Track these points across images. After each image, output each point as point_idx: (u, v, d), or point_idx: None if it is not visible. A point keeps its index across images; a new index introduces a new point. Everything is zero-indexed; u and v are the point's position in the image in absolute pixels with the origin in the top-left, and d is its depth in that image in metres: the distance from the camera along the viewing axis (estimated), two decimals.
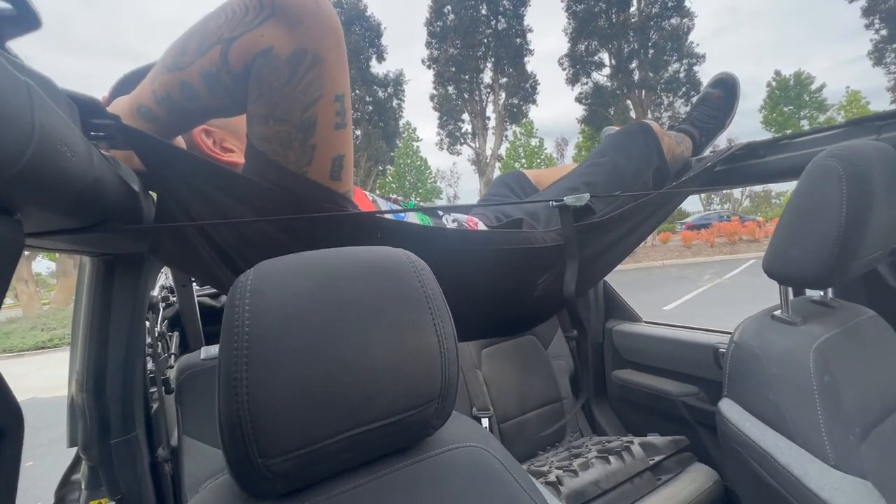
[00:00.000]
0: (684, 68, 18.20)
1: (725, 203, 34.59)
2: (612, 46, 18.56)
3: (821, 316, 0.75)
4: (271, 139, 0.47)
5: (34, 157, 0.21)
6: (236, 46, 0.43)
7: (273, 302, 0.35)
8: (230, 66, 0.44)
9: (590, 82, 19.59)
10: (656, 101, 18.73)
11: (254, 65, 0.44)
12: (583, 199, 0.64)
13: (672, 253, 13.86)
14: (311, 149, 0.48)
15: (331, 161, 0.50)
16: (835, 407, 0.63)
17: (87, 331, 0.82)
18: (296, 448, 0.34)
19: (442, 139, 21.85)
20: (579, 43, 19.08)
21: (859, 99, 21.11)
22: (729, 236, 14.02)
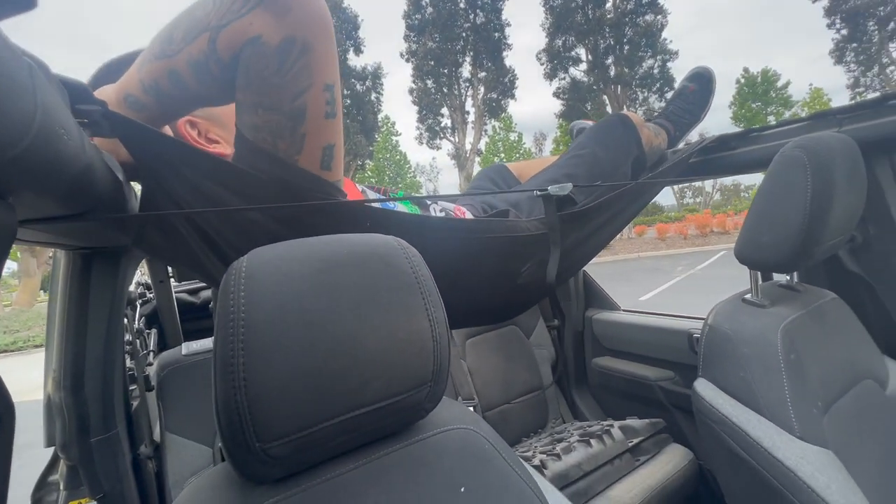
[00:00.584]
0: (658, 65, 18.59)
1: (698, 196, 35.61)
2: (588, 42, 18.79)
3: (787, 299, 0.80)
4: (261, 128, 0.47)
5: (36, 140, 0.21)
6: (224, 34, 0.43)
7: (268, 288, 0.35)
8: (218, 55, 0.44)
9: (567, 77, 19.81)
10: (631, 97, 19.09)
11: (242, 53, 0.44)
12: (565, 188, 0.66)
13: (647, 245, 14.23)
14: (302, 138, 0.48)
15: (321, 150, 0.50)
16: (800, 383, 0.67)
17: (64, 327, 0.80)
18: (293, 432, 0.35)
19: (421, 133, 21.75)
20: (557, 38, 19.25)
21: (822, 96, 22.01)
22: (701, 228, 14.47)
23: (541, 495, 0.47)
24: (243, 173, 0.48)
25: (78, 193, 0.34)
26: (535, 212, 0.80)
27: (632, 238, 15.55)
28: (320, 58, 0.46)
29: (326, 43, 0.47)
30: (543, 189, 0.67)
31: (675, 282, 8.05)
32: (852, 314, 0.85)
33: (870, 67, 17.81)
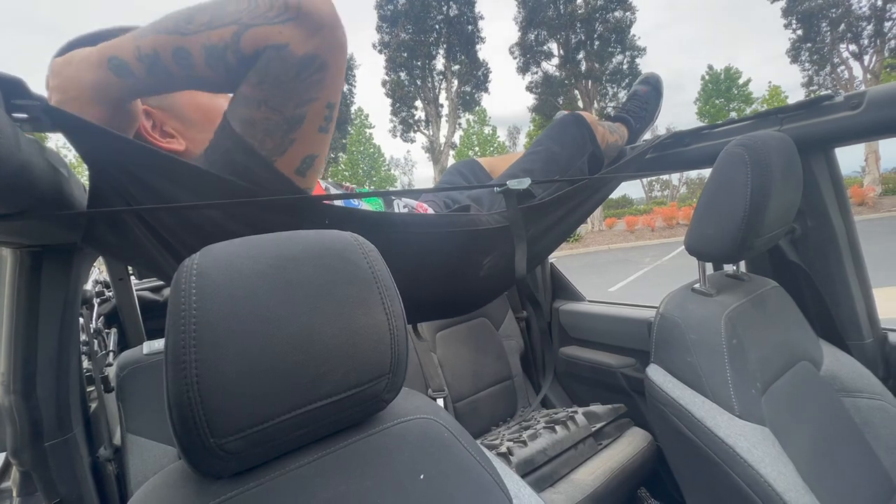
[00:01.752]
0: (627, 60, 19.00)
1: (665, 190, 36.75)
2: (560, 37, 19.00)
3: (732, 287, 0.85)
4: (256, 123, 0.48)
5: None
6: (252, 33, 0.45)
7: (220, 284, 0.35)
8: (240, 48, 0.45)
9: (539, 72, 19.99)
10: (602, 92, 19.45)
11: (264, 53, 0.46)
12: (524, 183, 0.68)
13: (617, 237, 14.63)
14: (290, 142, 0.50)
15: (302, 158, 0.52)
16: (741, 366, 0.72)
17: (12, 329, 0.77)
18: (248, 426, 0.35)
19: (395, 126, 21.53)
20: (529, 32, 19.37)
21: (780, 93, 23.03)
22: (668, 220, 14.98)
23: (500, 480, 0.49)
24: (198, 172, 0.48)
25: (14, 192, 0.33)
26: (496, 206, 0.82)
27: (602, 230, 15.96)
28: (332, 78, 0.49)
29: (340, 67, 0.50)
30: (502, 184, 0.69)
31: (644, 272, 8.32)
32: (791, 301, 0.91)
33: (822, 67, 18.75)
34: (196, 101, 0.59)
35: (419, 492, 0.43)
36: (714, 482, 0.67)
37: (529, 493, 0.52)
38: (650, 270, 8.48)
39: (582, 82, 19.33)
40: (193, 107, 0.59)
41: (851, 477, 0.73)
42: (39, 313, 0.77)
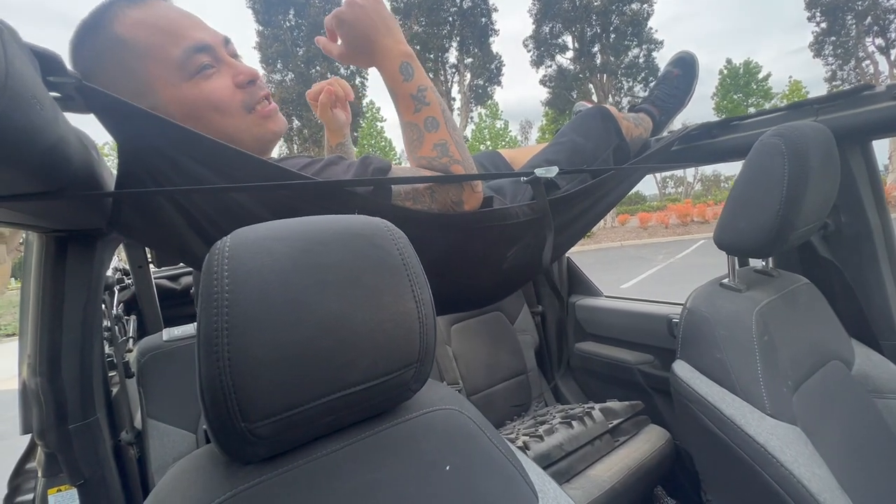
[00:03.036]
0: (643, 54, 18.66)
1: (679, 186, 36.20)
2: (575, 29, 18.72)
3: (762, 283, 0.82)
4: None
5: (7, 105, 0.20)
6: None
7: (251, 267, 0.35)
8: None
9: (553, 65, 19.75)
10: (617, 86, 19.16)
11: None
12: (552, 171, 0.66)
13: (630, 234, 14.46)
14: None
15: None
16: (772, 363, 0.70)
17: (38, 312, 0.78)
18: (278, 411, 0.35)
19: None
20: (544, 25, 19.12)
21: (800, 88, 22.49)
22: (682, 217, 14.75)
23: (524, 473, 0.48)
24: (231, 153, 0.47)
25: (50, 168, 0.32)
26: (520, 197, 0.80)
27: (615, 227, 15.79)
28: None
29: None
30: (530, 172, 0.67)
31: (657, 270, 8.22)
32: (823, 298, 0.88)
33: (847, 61, 18.23)
34: (179, 97, 0.54)
35: (445, 483, 0.42)
36: (743, 482, 0.65)
37: (555, 489, 0.52)
38: (663, 268, 8.37)
39: (597, 76, 19.06)
40: (176, 104, 0.54)
41: (884, 480, 0.71)
42: (64, 297, 0.78)
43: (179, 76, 0.53)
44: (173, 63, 0.53)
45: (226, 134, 0.55)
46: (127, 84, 0.52)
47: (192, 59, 0.53)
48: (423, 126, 0.60)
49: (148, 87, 0.53)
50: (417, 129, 0.60)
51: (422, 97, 0.60)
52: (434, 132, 0.60)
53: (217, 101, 0.55)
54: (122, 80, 0.52)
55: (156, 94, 0.53)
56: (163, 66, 0.53)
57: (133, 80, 0.52)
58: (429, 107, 0.60)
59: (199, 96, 0.54)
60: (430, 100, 0.61)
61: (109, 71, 0.52)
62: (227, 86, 0.56)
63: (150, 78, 0.52)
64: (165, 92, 0.53)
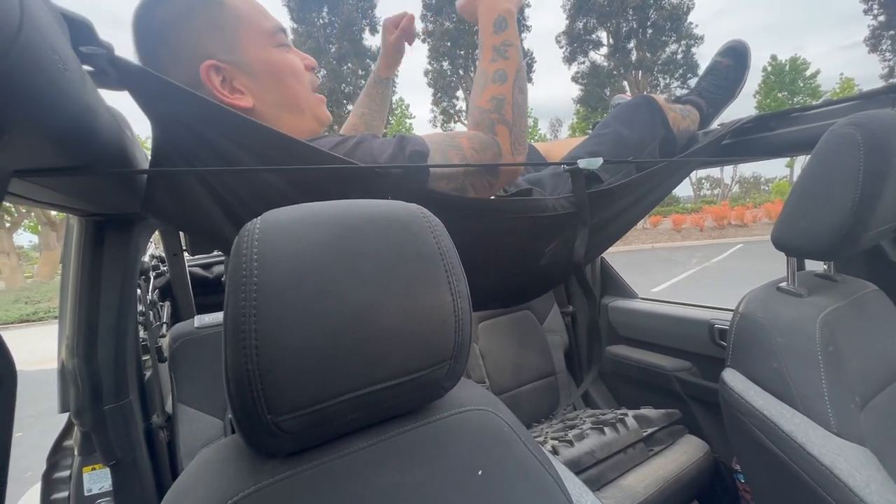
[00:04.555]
0: (682, 50, 18.01)
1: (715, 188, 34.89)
2: (610, 25, 18.24)
3: (825, 289, 0.75)
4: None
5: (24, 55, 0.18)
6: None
7: (283, 252, 0.33)
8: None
9: (587, 61, 19.32)
10: (653, 83, 18.57)
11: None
12: (595, 162, 0.62)
13: (662, 236, 14.02)
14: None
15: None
16: (837, 376, 0.63)
17: (77, 295, 0.80)
18: (305, 405, 0.33)
19: (436, 116, 21.53)
20: (577, 20, 18.72)
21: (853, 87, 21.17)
22: (718, 220, 14.18)
23: (560, 483, 0.45)
24: (264, 132, 0.46)
25: (78, 139, 0.31)
26: (559, 189, 0.76)
27: (646, 228, 15.33)
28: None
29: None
30: (572, 163, 0.63)
31: (690, 273, 7.92)
32: (894, 307, 0.80)
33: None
34: (266, 57, 0.59)
35: (476, 488, 0.40)
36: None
37: (592, 500, 0.48)
38: (698, 272, 8.06)
39: (632, 72, 18.53)
40: (263, 63, 0.58)
41: None
42: (101, 280, 0.80)
43: (269, 43, 0.60)
44: (264, 32, 0.60)
45: (297, 99, 0.62)
46: (216, 37, 0.57)
47: (277, 35, 0.61)
48: (492, 76, 0.60)
49: (238, 45, 0.58)
50: (485, 77, 0.61)
51: (503, 50, 0.61)
52: (498, 85, 0.60)
53: (297, 69, 0.62)
54: (213, 32, 0.56)
55: (245, 51, 0.58)
56: (256, 32, 0.59)
57: (224, 36, 0.57)
58: (506, 61, 0.61)
59: (284, 61, 0.61)
60: (510, 56, 0.61)
61: (199, 22, 0.56)
62: (300, 63, 0.64)
63: (243, 38, 0.58)
64: (254, 51, 0.59)
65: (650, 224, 15.51)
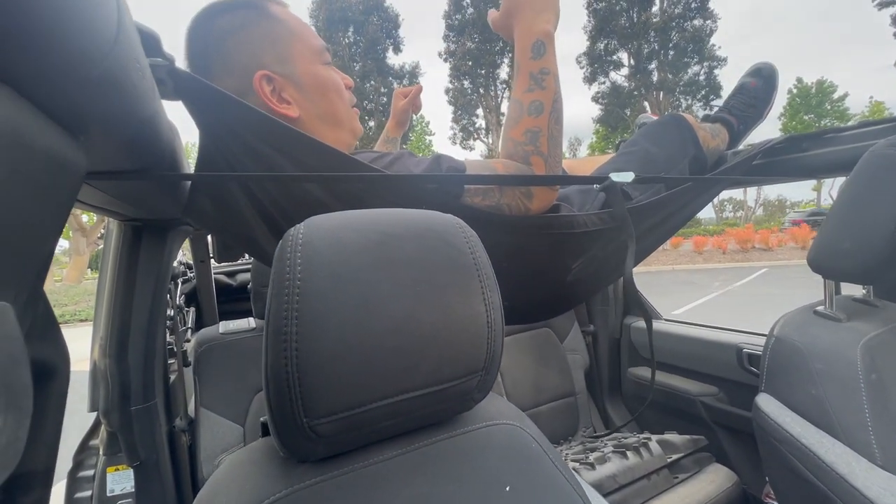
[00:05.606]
0: (705, 71, 17.91)
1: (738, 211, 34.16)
2: (631, 46, 18.32)
3: (866, 314, 0.72)
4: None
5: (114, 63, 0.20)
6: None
7: (325, 256, 0.34)
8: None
9: (607, 82, 19.37)
10: (674, 104, 18.48)
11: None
12: (627, 176, 0.62)
13: (683, 258, 13.73)
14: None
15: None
16: (882, 406, 0.60)
17: (112, 296, 0.82)
18: (341, 409, 0.33)
19: (455, 133, 21.79)
20: (598, 41, 18.87)
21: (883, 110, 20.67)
22: (742, 243, 13.83)
23: (587, 501, 0.44)
24: (308, 142, 0.48)
25: (142, 143, 0.33)
26: (587, 206, 0.76)
27: (666, 249, 15.03)
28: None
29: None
30: (604, 178, 0.63)
31: (712, 297, 7.70)
32: None
33: None
34: (314, 71, 0.62)
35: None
36: None
37: None
38: (720, 296, 7.83)
39: (653, 93, 18.49)
40: (311, 76, 0.61)
41: None
42: (136, 283, 0.82)
43: (317, 59, 0.63)
44: (314, 48, 0.63)
45: (338, 113, 0.65)
46: (270, 49, 0.60)
47: (323, 53, 0.64)
48: (527, 107, 0.59)
49: (290, 58, 0.61)
50: (520, 108, 0.60)
51: (540, 79, 0.59)
52: (534, 117, 0.58)
53: (339, 86, 0.65)
54: (268, 45, 0.59)
55: (295, 64, 0.61)
56: (306, 48, 0.62)
57: (277, 48, 0.60)
58: (542, 91, 0.59)
59: (330, 78, 0.64)
60: (547, 85, 0.59)
61: (255, 34, 0.59)
62: (341, 81, 0.67)
63: (294, 52, 0.61)
64: (304, 65, 0.61)
65: (670, 245, 15.21)
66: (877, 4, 16.39)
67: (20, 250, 0.20)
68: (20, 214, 0.19)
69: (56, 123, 0.20)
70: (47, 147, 0.20)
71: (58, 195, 0.23)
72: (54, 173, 0.21)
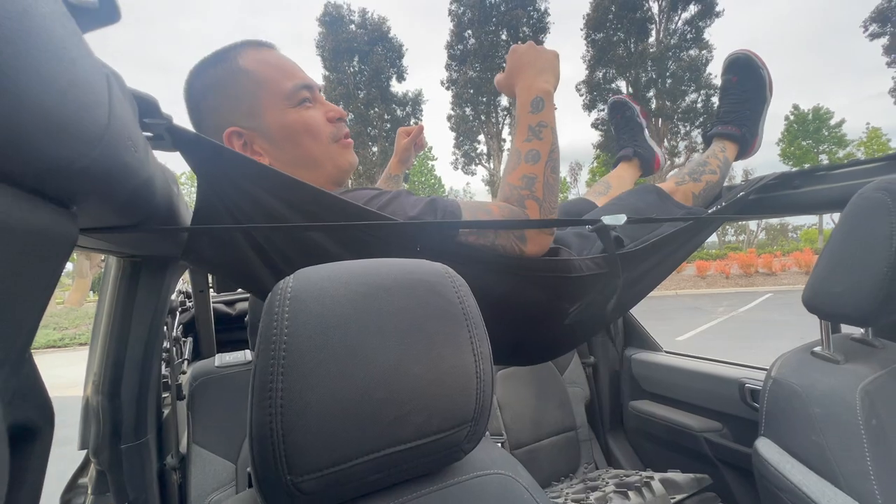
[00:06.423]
0: (702, 99, 18.26)
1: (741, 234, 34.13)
2: (629, 75, 18.77)
3: (864, 355, 0.72)
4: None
5: (105, 150, 0.21)
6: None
7: (313, 310, 0.34)
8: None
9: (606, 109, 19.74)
10: (673, 130, 18.77)
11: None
12: (620, 219, 0.63)
13: (686, 282, 13.66)
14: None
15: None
16: (884, 453, 0.59)
17: (108, 332, 0.82)
18: (325, 466, 0.33)
19: (457, 159, 22.11)
20: (597, 70, 19.35)
21: (880, 136, 20.91)
22: (745, 268, 13.77)
23: None
24: (302, 187, 0.49)
25: (136, 204, 0.34)
26: (586, 251, 0.76)
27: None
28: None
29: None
30: (596, 221, 0.64)
31: (717, 323, 7.62)
32: None
33: None
34: (281, 120, 0.63)
35: None
36: None
37: None
38: (725, 321, 7.75)
39: (651, 120, 18.80)
40: (278, 126, 0.62)
41: None
42: (132, 319, 0.82)
43: (286, 104, 0.63)
44: (283, 93, 0.63)
45: (313, 156, 0.64)
46: (238, 105, 0.61)
47: (298, 93, 0.64)
48: (524, 155, 0.62)
49: (257, 110, 0.62)
50: (518, 157, 0.62)
51: (538, 131, 0.62)
52: (531, 165, 0.61)
53: (312, 127, 0.64)
54: (234, 102, 0.61)
55: (263, 116, 0.62)
56: (273, 95, 0.62)
57: (245, 102, 0.61)
58: (539, 142, 0.62)
59: (299, 121, 0.63)
60: (545, 137, 0.62)
61: (223, 94, 0.61)
62: (320, 118, 0.66)
63: (261, 103, 0.62)
64: (271, 115, 0.62)
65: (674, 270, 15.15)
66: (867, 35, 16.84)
67: (8, 322, 0.21)
68: (8, 290, 0.20)
69: (46, 201, 0.21)
70: (37, 225, 0.20)
71: (48, 264, 0.23)
72: (44, 245, 0.22)
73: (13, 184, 0.18)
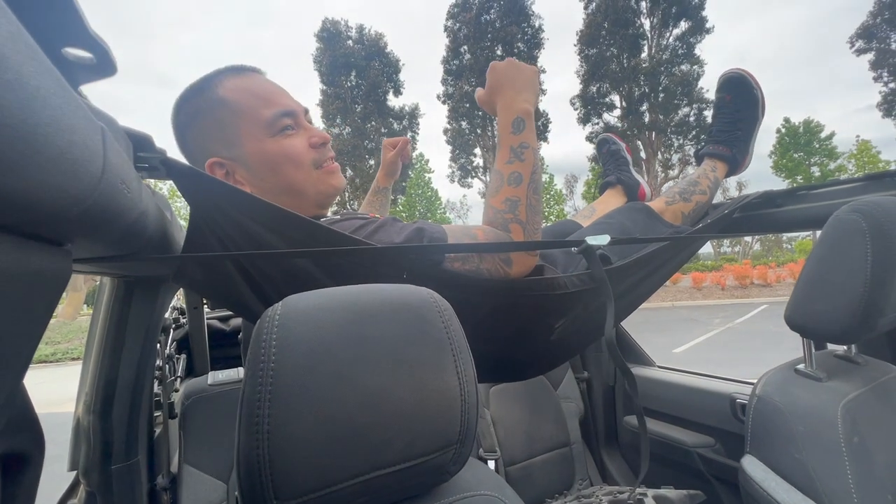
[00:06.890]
0: (694, 113, 18.54)
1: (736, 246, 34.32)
2: (622, 89, 19.06)
3: (846, 372, 0.73)
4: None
5: (99, 197, 0.22)
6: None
7: (300, 337, 0.35)
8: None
9: (601, 122, 20.01)
10: (666, 143, 19.00)
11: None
12: (603, 239, 0.64)
13: (682, 294, 13.68)
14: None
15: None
16: (866, 471, 0.60)
17: (101, 351, 0.82)
18: (311, 490, 0.34)
19: (454, 171, 22.26)
20: (591, 85, 19.64)
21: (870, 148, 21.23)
22: (740, 279, 13.82)
23: None
24: (290, 217, 0.50)
25: (130, 238, 0.35)
26: (571, 268, 0.78)
27: (666, 286, 15.00)
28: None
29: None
30: (580, 242, 0.65)
31: (714, 334, 7.62)
32: None
33: None
34: (260, 149, 0.63)
35: None
36: None
37: None
38: (721, 333, 7.75)
39: (645, 133, 19.06)
40: (258, 155, 0.63)
41: None
42: (125, 338, 0.83)
43: (265, 133, 0.62)
44: (262, 122, 0.62)
45: (294, 184, 0.64)
46: (218, 135, 0.61)
47: (278, 121, 0.63)
48: (507, 178, 0.62)
49: (236, 140, 0.61)
50: (500, 179, 0.63)
51: (520, 152, 0.63)
52: (513, 187, 0.61)
53: (293, 155, 0.63)
54: (215, 132, 0.61)
55: (242, 145, 0.62)
56: (253, 124, 0.62)
57: (225, 132, 0.61)
58: (521, 163, 0.62)
59: (279, 150, 0.63)
60: (526, 158, 0.62)
61: (205, 124, 0.62)
62: (302, 145, 0.65)
63: (241, 132, 0.62)
64: (251, 145, 0.62)
65: (670, 282, 15.19)
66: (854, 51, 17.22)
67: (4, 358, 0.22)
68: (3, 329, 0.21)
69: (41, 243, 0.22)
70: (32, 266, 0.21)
71: (43, 301, 0.24)
72: (39, 283, 0.23)
73: (9, 231, 0.19)
